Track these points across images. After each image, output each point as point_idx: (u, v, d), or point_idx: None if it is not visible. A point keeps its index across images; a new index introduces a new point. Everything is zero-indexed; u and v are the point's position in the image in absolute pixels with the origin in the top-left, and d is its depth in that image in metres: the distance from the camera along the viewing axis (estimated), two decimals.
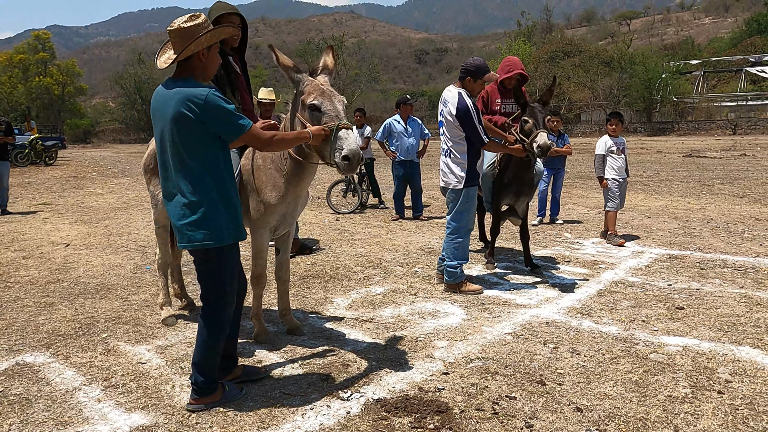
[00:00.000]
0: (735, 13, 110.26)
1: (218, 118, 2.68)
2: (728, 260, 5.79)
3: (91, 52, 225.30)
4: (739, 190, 11.06)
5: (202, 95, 2.64)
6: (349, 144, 2.93)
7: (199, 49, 2.77)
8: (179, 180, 2.76)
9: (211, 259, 2.85)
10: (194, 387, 2.94)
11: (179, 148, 2.72)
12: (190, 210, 2.75)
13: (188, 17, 2.78)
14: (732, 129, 36.38)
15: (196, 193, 2.74)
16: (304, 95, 3.11)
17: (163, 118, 2.74)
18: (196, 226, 2.76)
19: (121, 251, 6.86)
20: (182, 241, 2.83)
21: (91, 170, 19.93)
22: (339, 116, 3.02)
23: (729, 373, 3.25)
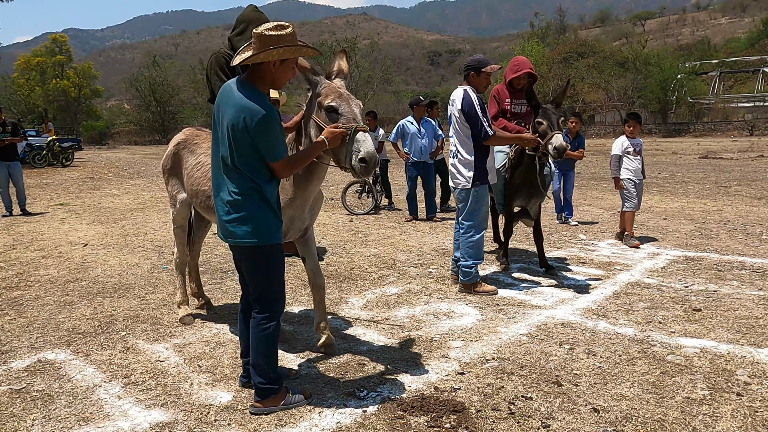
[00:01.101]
0: (752, 13, 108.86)
1: (264, 139, 2.75)
2: (746, 262, 5.73)
3: (107, 55, 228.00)
4: (756, 191, 10.93)
5: (259, 114, 2.71)
6: (367, 147, 2.93)
7: (270, 60, 2.79)
8: (227, 178, 2.85)
9: (253, 257, 2.89)
10: (256, 390, 2.96)
11: (230, 149, 2.80)
12: (234, 207, 2.83)
13: (275, 26, 2.80)
14: (749, 130, 35.94)
15: (241, 192, 2.81)
16: (321, 97, 3.10)
17: (222, 117, 2.83)
18: (239, 223, 2.83)
19: (138, 251, 6.94)
20: (226, 236, 2.92)
21: (107, 171, 20.16)
22: (356, 119, 3.01)
23: (748, 375, 3.22)
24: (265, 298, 2.93)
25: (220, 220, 2.93)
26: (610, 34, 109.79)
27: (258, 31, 2.79)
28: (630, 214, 6.76)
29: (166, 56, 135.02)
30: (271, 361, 2.94)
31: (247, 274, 2.98)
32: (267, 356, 2.93)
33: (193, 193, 3.95)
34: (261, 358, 2.92)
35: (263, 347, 2.92)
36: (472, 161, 4.83)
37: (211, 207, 3.70)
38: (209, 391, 3.18)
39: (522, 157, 5.25)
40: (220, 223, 2.94)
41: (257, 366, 2.93)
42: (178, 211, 4.25)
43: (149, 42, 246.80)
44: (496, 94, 5.47)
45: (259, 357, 2.92)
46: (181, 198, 4.19)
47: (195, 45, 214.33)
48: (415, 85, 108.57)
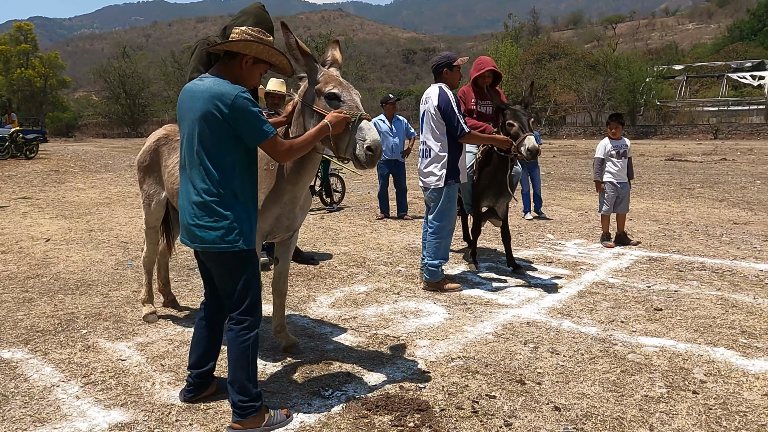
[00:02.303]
0: (718, 20, 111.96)
1: (243, 120, 2.58)
2: (706, 263, 5.89)
3: (75, 45, 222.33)
4: (718, 194, 11.25)
5: (231, 95, 2.55)
6: (373, 135, 2.82)
7: (246, 53, 2.69)
8: (195, 177, 2.65)
9: (226, 263, 2.69)
10: (235, 409, 2.70)
11: (201, 147, 2.62)
12: (203, 209, 2.63)
13: (258, 30, 2.76)
14: (713, 134, 36.95)
15: (211, 192, 2.61)
16: (320, 84, 2.96)
17: (190, 114, 2.65)
18: (209, 226, 2.63)
19: (103, 247, 6.79)
20: (193, 241, 2.70)
21: (73, 164, 19.67)
22: (359, 107, 2.92)
23: (704, 374, 3.31)
24: (241, 307, 2.71)
25: (185, 224, 2.71)
26: (582, 36, 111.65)
27: (241, 28, 2.73)
28: (606, 217, 6.85)
29: (137, 47, 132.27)
30: (252, 375, 2.71)
31: (220, 283, 2.77)
32: (248, 371, 2.69)
33: (174, 192, 3.71)
34: (241, 372, 2.68)
35: (243, 361, 2.68)
36: (445, 159, 4.86)
37: None
38: (171, 391, 3.13)
39: (490, 158, 5.30)
40: (185, 227, 2.72)
41: (236, 382, 2.68)
42: (152, 213, 4.05)
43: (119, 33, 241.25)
44: (462, 95, 5.51)
45: (238, 372, 2.68)
46: (158, 198, 3.98)
47: (166, 37, 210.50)
48: (390, 83, 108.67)
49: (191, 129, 2.65)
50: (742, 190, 11.61)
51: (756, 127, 37.10)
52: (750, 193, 11.23)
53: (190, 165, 2.68)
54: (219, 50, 2.75)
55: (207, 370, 2.99)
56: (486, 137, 5.04)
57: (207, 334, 2.96)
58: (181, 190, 2.77)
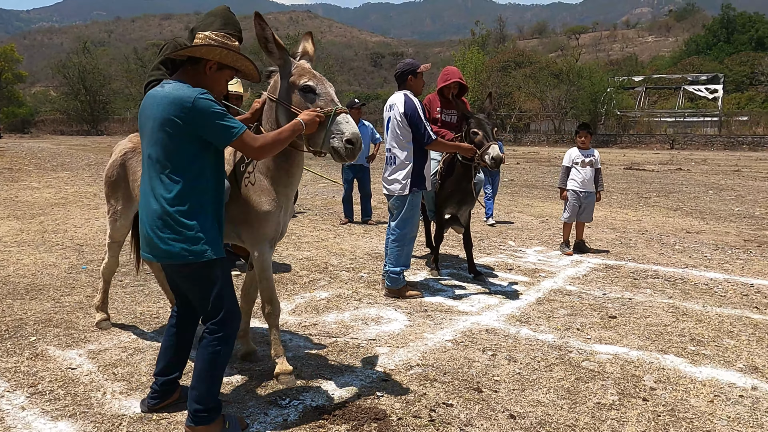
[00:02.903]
0: (676, 34, 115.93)
1: (207, 122, 2.48)
2: (659, 271, 6.07)
3: (33, 38, 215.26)
4: (673, 203, 11.62)
5: (190, 98, 2.47)
6: (351, 128, 2.78)
7: (211, 59, 2.62)
8: (158, 188, 2.53)
9: (197, 276, 2.59)
10: (189, 414, 2.64)
11: (163, 154, 2.52)
12: (167, 219, 2.51)
13: (222, 35, 2.70)
14: (670, 144, 38.19)
15: (175, 203, 2.50)
16: (293, 77, 2.89)
17: (150, 122, 2.55)
18: (174, 238, 2.51)
19: (56, 249, 6.57)
20: (157, 255, 2.57)
21: (28, 162, 19.02)
22: (334, 100, 2.87)
23: (654, 381, 3.41)
24: (217, 317, 2.62)
25: (147, 237, 2.57)
26: (546, 45, 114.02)
27: (205, 33, 2.67)
28: (567, 225, 6.99)
29: (98, 43, 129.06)
30: (214, 386, 2.65)
31: (192, 295, 2.68)
32: (211, 381, 2.63)
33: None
34: (203, 382, 2.61)
35: (208, 370, 2.61)
36: (410, 167, 4.88)
37: None
38: (123, 401, 3.04)
39: (453, 166, 5.35)
40: (147, 241, 2.59)
41: (197, 389, 2.61)
42: (118, 229, 3.87)
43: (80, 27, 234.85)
44: (427, 103, 5.56)
45: (201, 381, 2.61)
46: (125, 215, 3.81)
47: (129, 33, 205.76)
48: (358, 86, 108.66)
49: (151, 137, 2.56)
50: (695, 200, 12.02)
51: (710, 138, 38.54)
52: (702, 202, 11.64)
53: (151, 174, 2.57)
54: (181, 56, 2.67)
55: (173, 378, 2.93)
56: (451, 145, 5.08)
57: (176, 342, 2.89)
58: (141, 201, 2.64)
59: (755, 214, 10.09)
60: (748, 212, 10.27)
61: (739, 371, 3.56)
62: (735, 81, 53.99)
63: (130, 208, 3.80)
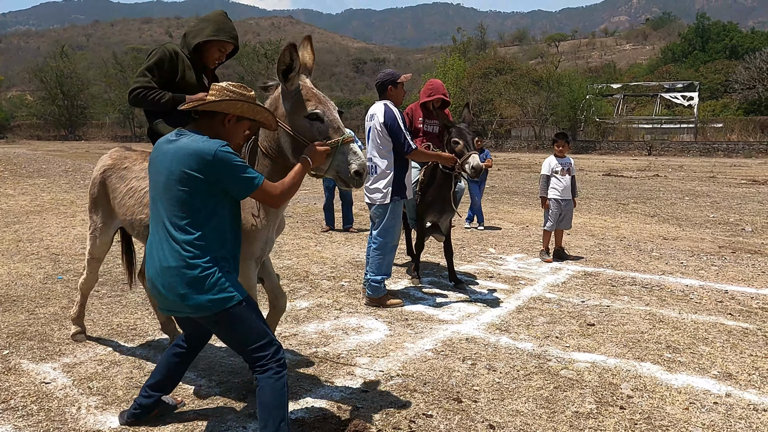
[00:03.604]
0: (653, 42, 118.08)
1: (229, 175, 2.42)
2: (637, 278, 6.16)
3: (8, 41, 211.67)
4: (650, 209, 11.80)
5: (211, 151, 2.39)
6: (359, 159, 2.74)
7: (231, 112, 2.55)
8: (176, 242, 2.43)
9: (231, 320, 2.49)
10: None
11: (180, 208, 2.43)
12: (187, 275, 2.41)
13: (239, 85, 2.59)
14: (648, 150, 38.79)
15: (196, 256, 2.42)
16: (299, 102, 2.78)
17: (164, 175, 2.46)
18: (204, 290, 2.42)
19: (31, 259, 6.45)
20: (183, 311, 2.47)
21: (3, 168, 18.66)
22: (341, 128, 2.79)
23: (631, 389, 3.45)
24: (266, 351, 2.54)
25: (165, 295, 2.46)
26: (526, 52, 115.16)
27: (221, 85, 2.57)
28: (547, 233, 7.06)
29: (76, 47, 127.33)
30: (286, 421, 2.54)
31: (235, 340, 2.55)
32: (283, 414, 2.52)
33: (128, 223, 3.46)
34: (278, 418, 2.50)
35: (279, 403, 2.51)
36: (391, 176, 4.90)
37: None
38: (98, 416, 3.00)
39: (434, 175, 5.38)
40: (167, 299, 2.46)
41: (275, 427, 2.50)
42: (98, 246, 3.79)
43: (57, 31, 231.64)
44: (409, 112, 5.59)
45: (275, 418, 2.50)
46: (106, 232, 3.74)
47: (108, 37, 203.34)
48: (340, 92, 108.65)
49: (166, 191, 2.47)
50: (672, 206, 12.22)
51: (686, 145, 39.22)
52: (679, 209, 11.84)
53: (165, 229, 2.47)
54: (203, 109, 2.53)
55: (161, 395, 2.88)
56: (432, 154, 5.11)
57: (177, 362, 2.81)
58: (154, 255, 2.51)
59: (729, 220, 10.29)
60: (722, 218, 10.47)
61: (714, 378, 3.62)
62: (710, 88, 55.06)
63: (111, 226, 3.72)
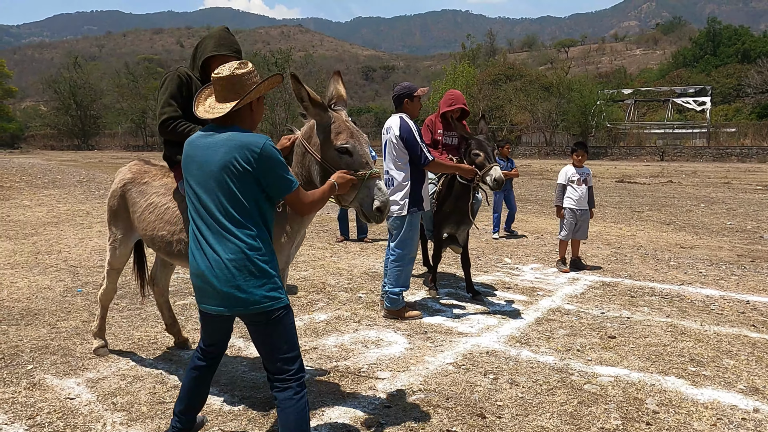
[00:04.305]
0: (663, 47, 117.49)
1: (272, 170, 2.44)
2: (656, 288, 6.10)
3: (23, 53, 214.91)
4: (666, 217, 11.70)
5: (259, 143, 2.41)
6: (383, 195, 2.80)
7: (257, 96, 2.59)
8: (230, 234, 2.42)
9: (279, 320, 2.48)
10: None
11: (230, 200, 2.43)
12: (244, 269, 2.41)
13: (239, 64, 2.57)
14: (660, 155, 38.54)
15: (252, 248, 2.43)
16: (331, 134, 2.83)
17: (209, 166, 2.45)
18: (258, 284, 2.42)
19: (50, 271, 6.51)
20: (234, 306, 2.43)
21: (19, 179, 18.88)
22: (369, 162, 2.85)
23: (656, 404, 3.41)
24: (295, 364, 2.51)
25: (218, 289, 2.43)
26: (536, 58, 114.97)
27: (225, 74, 2.53)
28: (563, 243, 7.02)
29: (89, 57, 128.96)
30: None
31: (270, 345, 2.50)
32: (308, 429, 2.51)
33: (149, 239, 3.52)
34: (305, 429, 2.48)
35: (303, 422, 2.48)
36: (408, 188, 4.90)
37: (174, 253, 3.39)
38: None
39: (452, 186, 5.38)
40: (218, 293, 2.44)
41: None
42: (117, 257, 3.87)
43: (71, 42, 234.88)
44: (429, 124, 5.61)
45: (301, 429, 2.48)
46: (125, 244, 3.82)
47: (120, 47, 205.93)
48: (350, 100, 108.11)
49: (211, 183, 2.45)
50: (688, 214, 12.11)
51: (699, 150, 38.93)
52: (695, 216, 11.73)
53: (217, 220, 2.45)
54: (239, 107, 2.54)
55: (194, 415, 2.84)
56: (452, 165, 5.12)
57: (199, 384, 2.76)
58: (206, 249, 2.47)
59: (747, 228, 10.18)
60: (740, 226, 10.36)
61: (740, 392, 3.57)
62: (722, 93, 54.67)
63: (130, 238, 3.82)
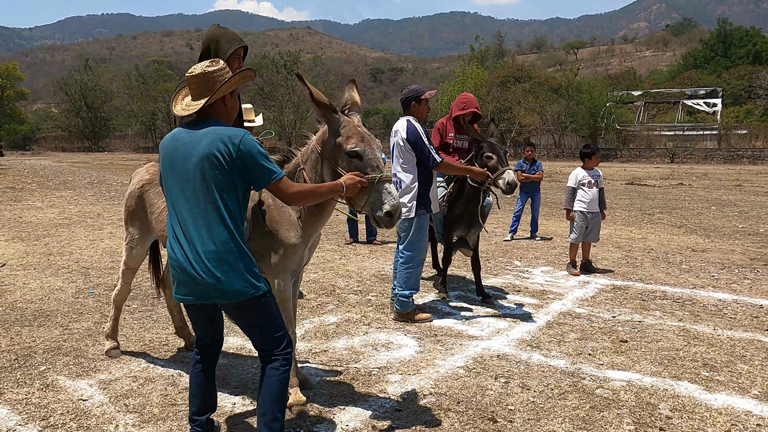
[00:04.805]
0: (673, 48, 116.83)
1: (251, 160, 2.49)
2: (668, 292, 6.05)
3: (35, 56, 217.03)
4: (676, 219, 11.61)
5: (238, 135, 2.49)
6: (393, 200, 2.80)
7: (228, 91, 2.66)
8: (210, 224, 2.48)
9: (259, 308, 2.58)
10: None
11: (211, 191, 2.49)
12: (222, 259, 2.47)
13: (210, 62, 2.65)
14: (670, 158, 38.28)
15: (229, 239, 2.49)
16: (341, 138, 2.85)
17: (191, 159, 2.50)
18: (235, 275, 2.49)
19: (62, 273, 6.56)
20: (213, 296, 2.51)
21: (30, 181, 19.06)
22: (380, 166, 2.85)
23: (669, 409, 3.38)
24: (282, 343, 2.65)
25: (198, 279, 2.48)
26: (545, 60, 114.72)
27: (197, 72, 2.62)
28: (574, 246, 6.99)
29: (100, 60, 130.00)
30: (284, 411, 2.67)
31: (254, 330, 2.65)
32: (283, 405, 2.64)
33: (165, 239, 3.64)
34: (278, 405, 2.61)
35: (283, 394, 2.63)
36: (415, 190, 4.90)
37: None
38: None
39: (462, 189, 5.37)
40: (198, 283, 2.49)
41: (274, 416, 2.59)
42: (133, 257, 3.93)
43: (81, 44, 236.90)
44: (440, 127, 5.60)
45: (277, 405, 2.60)
46: (141, 244, 3.88)
47: (131, 50, 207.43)
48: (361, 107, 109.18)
49: (192, 175, 2.51)
50: (699, 216, 12.02)
51: (709, 152, 38.64)
52: (706, 219, 11.64)
53: (197, 212, 2.51)
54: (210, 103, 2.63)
55: (210, 414, 2.87)
56: (461, 167, 5.11)
57: (205, 380, 2.81)
58: (186, 240, 2.53)
59: (759, 231, 10.09)
60: (752, 229, 10.27)
61: (755, 398, 3.53)
62: (733, 94, 54.29)
63: (147, 238, 3.89)
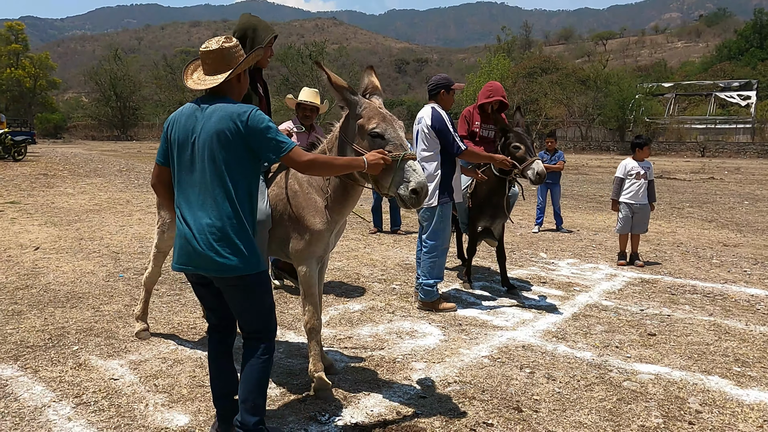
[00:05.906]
0: (706, 39, 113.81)
1: (261, 136, 2.51)
2: (698, 286, 5.93)
3: (66, 46, 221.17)
4: (707, 214, 11.36)
5: (246, 112, 2.52)
6: (418, 177, 2.75)
7: (244, 69, 2.69)
8: (216, 199, 2.52)
9: (252, 287, 2.60)
10: (251, 428, 2.62)
11: (218, 167, 2.52)
12: (224, 234, 2.51)
13: (225, 38, 2.66)
14: (701, 152, 37.41)
15: (232, 215, 2.52)
16: (362, 119, 2.87)
17: (202, 135, 2.54)
18: (233, 251, 2.51)
19: (93, 257, 6.71)
20: (211, 268, 2.53)
21: (62, 168, 19.47)
22: (403, 145, 2.82)
23: (699, 404, 3.33)
24: (267, 327, 2.69)
25: (199, 251, 2.52)
26: (573, 51, 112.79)
27: (214, 47, 2.62)
28: (623, 236, 6.95)
29: (129, 50, 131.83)
30: (265, 397, 2.69)
31: (243, 309, 2.65)
32: (264, 392, 2.67)
33: None
34: (261, 395, 2.65)
35: (264, 380, 2.66)
36: (438, 178, 4.87)
37: None
38: (165, 413, 3.08)
39: (488, 179, 5.32)
40: (199, 255, 2.53)
41: (254, 402, 2.62)
42: (165, 240, 4.01)
43: (111, 35, 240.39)
44: (467, 115, 5.56)
45: (259, 394, 2.64)
46: (172, 228, 3.86)
47: (159, 40, 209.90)
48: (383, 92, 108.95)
49: (203, 150, 2.54)
50: (731, 211, 11.74)
51: (742, 146, 37.66)
52: (738, 214, 11.36)
53: (203, 187, 2.55)
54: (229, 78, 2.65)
55: (231, 399, 2.84)
56: (485, 155, 5.06)
57: (224, 363, 2.80)
58: (191, 214, 2.57)
59: None
60: None
61: None
62: None
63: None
